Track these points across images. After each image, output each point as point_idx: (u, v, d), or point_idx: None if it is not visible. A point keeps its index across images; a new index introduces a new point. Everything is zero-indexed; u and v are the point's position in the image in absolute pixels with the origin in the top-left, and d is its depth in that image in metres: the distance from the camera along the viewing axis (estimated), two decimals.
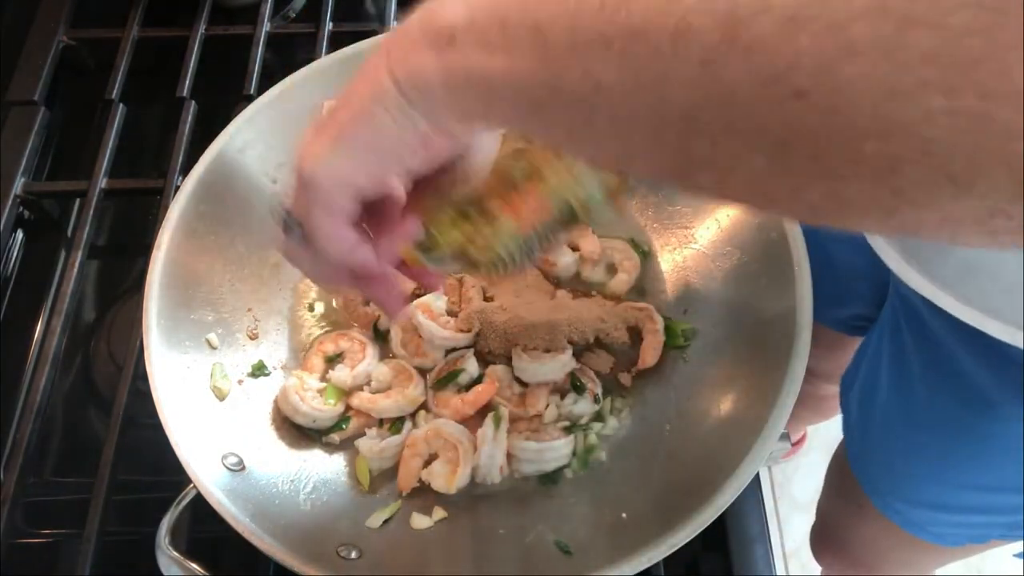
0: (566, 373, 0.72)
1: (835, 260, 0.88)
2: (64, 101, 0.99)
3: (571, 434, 0.70)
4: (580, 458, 0.70)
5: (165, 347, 0.66)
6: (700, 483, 0.60)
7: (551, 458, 0.69)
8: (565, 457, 0.70)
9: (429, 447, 0.69)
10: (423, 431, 0.70)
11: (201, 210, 0.73)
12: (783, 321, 0.65)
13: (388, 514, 0.67)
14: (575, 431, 0.71)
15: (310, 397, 0.71)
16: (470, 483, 0.69)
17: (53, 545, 0.74)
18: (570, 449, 0.70)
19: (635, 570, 0.56)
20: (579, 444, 0.71)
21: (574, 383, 0.73)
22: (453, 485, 0.67)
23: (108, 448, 0.72)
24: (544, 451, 0.68)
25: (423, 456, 0.69)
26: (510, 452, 0.69)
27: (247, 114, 0.76)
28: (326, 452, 0.71)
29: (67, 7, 1.00)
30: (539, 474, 0.70)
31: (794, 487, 1.86)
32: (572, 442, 0.70)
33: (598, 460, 0.71)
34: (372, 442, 0.70)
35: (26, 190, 0.87)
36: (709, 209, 0.77)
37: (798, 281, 0.66)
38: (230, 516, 0.58)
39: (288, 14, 1.04)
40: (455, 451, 0.68)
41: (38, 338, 0.81)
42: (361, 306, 0.78)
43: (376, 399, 0.72)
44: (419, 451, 0.69)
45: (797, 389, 0.62)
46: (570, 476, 0.70)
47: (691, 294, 0.77)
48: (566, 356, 0.72)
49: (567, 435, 0.70)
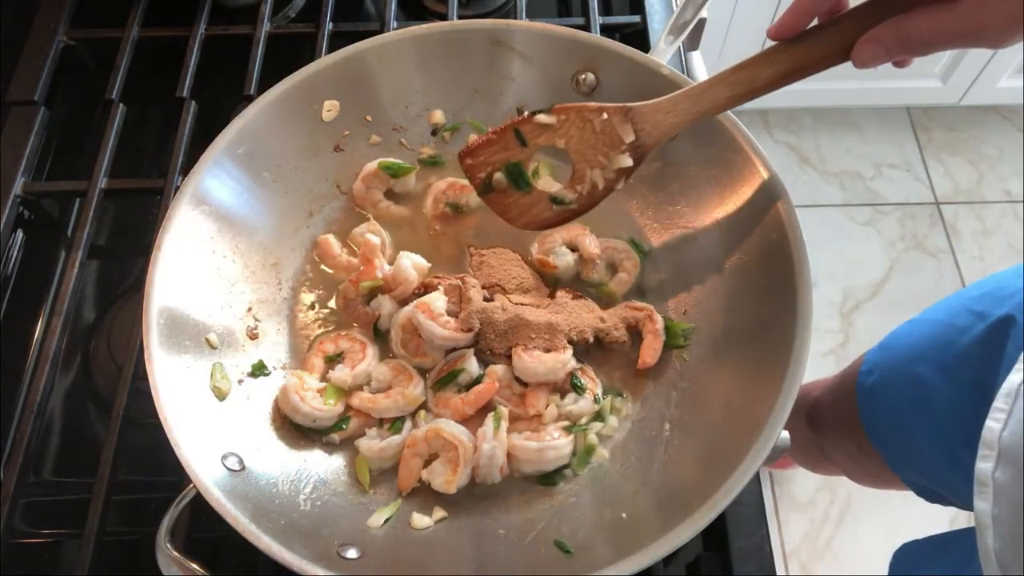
0: (566, 373, 0.72)
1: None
2: (64, 101, 0.99)
3: (571, 434, 0.70)
4: (580, 458, 0.70)
5: (165, 347, 0.66)
6: (700, 483, 0.60)
7: (552, 458, 0.69)
8: (565, 457, 0.70)
9: (429, 447, 0.69)
10: (423, 431, 0.70)
11: (201, 210, 0.73)
12: (783, 322, 0.65)
13: (388, 513, 0.67)
14: (575, 431, 0.71)
15: (310, 397, 0.71)
16: (470, 483, 0.69)
17: (53, 545, 0.74)
18: (570, 449, 0.70)
19: (635, 570, 0.56)
20: (579, 444, 0.71)
21: (574, 383, 0.73)
22: (453, 485, 0.67)
23: (108, 448, 0.72)
24: (545, 450, 0.68)
25: (423, 456, 0.69)
26: (510, 452, 0.69)
27: (247, 114, 0.76)
28: (326, 452, 0.71)
29: (67, 7, 1.00)
30: (539, 474, 0.70)
31: (794, 487, 1.86)
32: (572, 442, 0.70)
33: (599, 459, 0.71)
34: (372, 442, 0.70)
35: (26, 190, 0.87)
36: (709, 209, 0.78)
37: (798, 282, 0.66)
38: (230, 516, 0.58)
39: (288, 14, 1.04)
40: (455, 451, 0.68)
41: (38, 338, 0.81)
42: (361, 306, 0.78)
43: (376, 399, 0.72)
44: (419, 451, 0.69)
45: (797, 389, 0.62)
46: (570, 475, 0.70)
47: (691, 294, 0.77)
48: (566, 356, 0.72)
49: (568, 435, 0.70)
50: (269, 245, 0.79)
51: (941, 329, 0.89)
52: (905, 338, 0.97)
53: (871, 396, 0.98)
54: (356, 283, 0.77)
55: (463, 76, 0.84)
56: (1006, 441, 0.67)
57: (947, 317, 0.90)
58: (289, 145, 0.80)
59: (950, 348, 0.85)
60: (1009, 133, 2.38)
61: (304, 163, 0.81)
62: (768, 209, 0.71)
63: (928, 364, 0.87)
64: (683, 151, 0.78)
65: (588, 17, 0.97)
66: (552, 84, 0.83)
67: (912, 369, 0.89)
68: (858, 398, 1.00)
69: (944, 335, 0.88)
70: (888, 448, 0.97)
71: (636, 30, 0.99)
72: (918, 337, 0.93)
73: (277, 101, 0.78)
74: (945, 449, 0.84)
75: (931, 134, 2.38)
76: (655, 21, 0.99)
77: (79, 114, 0.98)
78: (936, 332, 0.90)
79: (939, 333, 0.89)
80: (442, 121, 0.86)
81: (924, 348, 0.90)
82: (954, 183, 2.31)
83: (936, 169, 2.33)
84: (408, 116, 0.85)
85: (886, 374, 0.96)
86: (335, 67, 0.80)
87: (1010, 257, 2.20)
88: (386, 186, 0.84)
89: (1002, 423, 0.68)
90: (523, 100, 0.85)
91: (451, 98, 0.85)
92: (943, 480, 0.88)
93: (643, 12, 1.00)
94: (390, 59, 0.81)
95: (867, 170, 2.32)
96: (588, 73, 0.82)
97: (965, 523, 0.84)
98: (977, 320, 0.83)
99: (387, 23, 0.97)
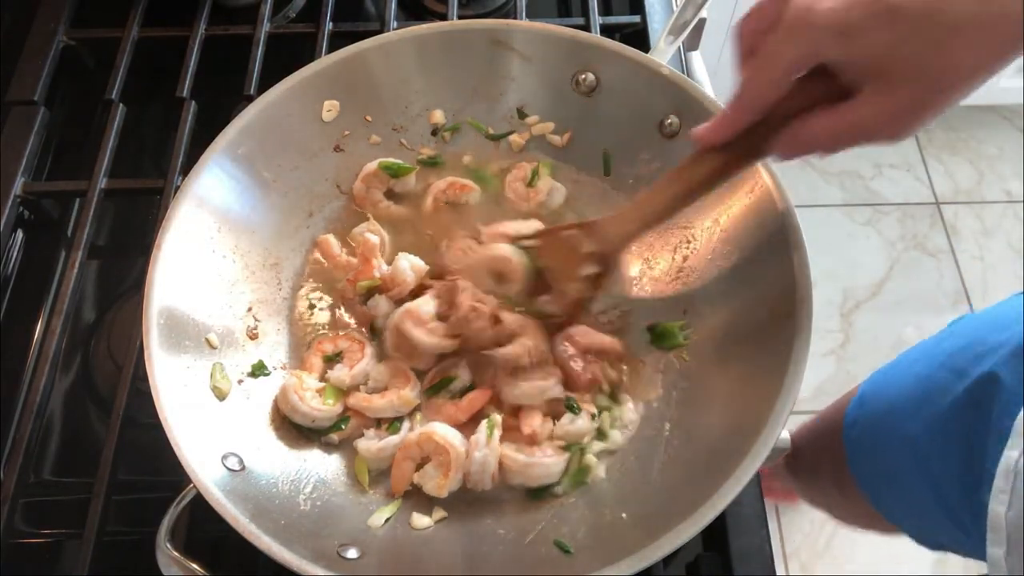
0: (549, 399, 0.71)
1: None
2: (64, 101, 0.99)
3: (567, 452, 0.69)
4: (572, 477, 0.69)
5: (165, 347, 0.66)
6: (700, 483, 0.60)
7: (537, 475, 0.68)
8: (554, 475, 0.68)
9: (421, 450, 0.69)
10: (416, 434, 0.69)
11: (201, 210, 0.73)
12: (783, 322, 0.65)
13: (389, 513, 0.67)
14: (572, 450, 0.70)
15: (309, 397, 0.71)
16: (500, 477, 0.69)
17: (53, 545, 0.74)
18: (560, 468, 0.69)
19: (635, 570, 0.56)
20: (574, 463, 0.70)
21: (568, 404, 0.71)
22: (444, 489, 0.67)
23: (108, 448, 0.72)
24: (532, 466, 0.67)
25: (415, 459, 0.69)
26: (501, 461, 0.68)
27: (247, 114, 0.76)
28: (326, 452, 0.71)
29: (67, 7, 1.00)
30: (524, 487, 0.69)
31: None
32: (566, 461, 0.69)
33: (595, 478, 0.69)
34: (370, 442, 0.70)
35: (26, 190, 0.87)
36: (709, 209, 0.77)
37: (798, 281, 0.66)
38: (230, 516, 0.58)
39: (288, 14, 1.04)
40: (447, 455, 0.68)
41: (38, 338, 0.81)
42: (359, 305, 0.78)
43: (372, 399, 0.72)
44: (411, 454, 0.69)
45: (797, 390, 0.62)
46: (560, 493, 0.69)
47: (691, 294, 0.77)
48: (545, 383, 0.71)
49: (562, 454, 0.69)
50: (269, 245, 0.79)
51: (921, 385, 0.87)
52: (884, 392, 0.95)
53: (861, 454, 0.97)
54: (354, 282, 0.77)
55: (463, 76, 0.84)
56: (1012, 523, 0.66)
57: (926, 371, 0.87)
58: (289, 145, 0.80)
59: (933, 407, 0.83)
60: (1009, 133, 2.38)
61: (304, 163, 0.81)
62: (768, 209, 0.71)
63: (916, 423, 0.85)
64: (683, 151, 0.78)
65: (588, 17, 0.97)
66: (552, 84, 0.83)
67: (901, 428, 0.87)
68: (848, 455, 0.98)
69: (925, 393, 0.86)
70: (888, 509, 0.96)
71: (636, 30, 0.99)
72: (899, 392, 0.91)
73: (277, 101, 0.78)
74: (945, 507, 0.82)
75: (931, 134, 2.38)
76: (655, 21, 0.99)
77: (79, 114, 0.98)
78: (916, 389, 0.87)
79: (920, 390, 0.87)
80: (442, 121, 0.86)
81: (908, 406, 0.88)
82: (954, 183, 2.31)
83: (936, 169, 2.33)
84: (408, 116, 0.85)
85: (873, 430, 0.95)
86: (335, 67, 0.80)
87: (1010, 257, 2.20)
88: (386, 186, 0.84)
89: (1006, 504, 0.67)
90: (523, 100, 0.85)
91: (451, 98, 0.85)
92: (945, 533, 0.87)
93: (643, 12, 1.00)
94: (390, 59, 0.81)
95: (867, 170, 2.32)
96: (588, 73, 0.82)
97: None
98: (956, 379, 0.81)
99: (387, 23, 0.97)
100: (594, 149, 0.84)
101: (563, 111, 0.84)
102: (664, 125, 0.79)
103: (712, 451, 0.65)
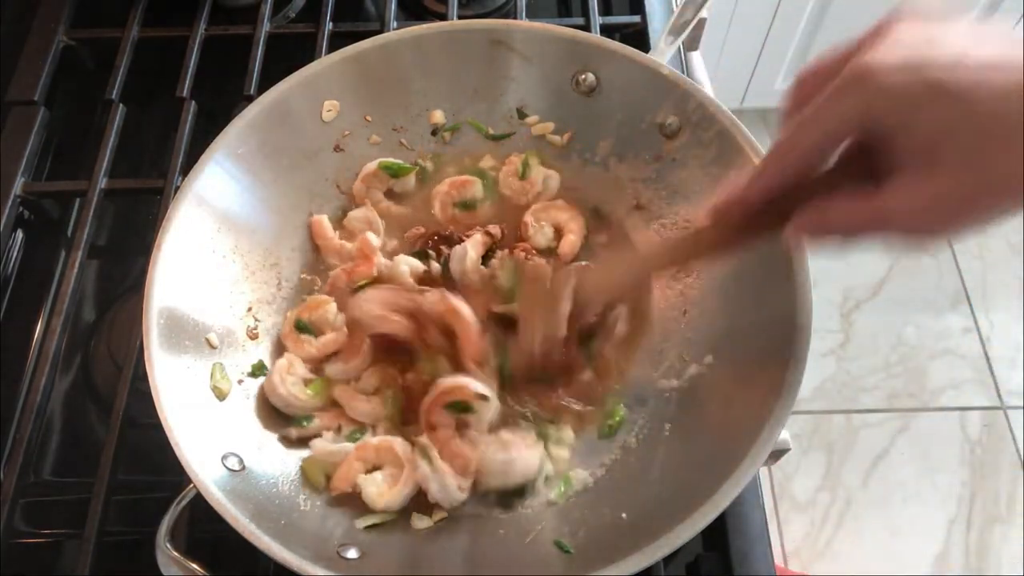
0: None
1: None
2: (64, 101, 0.99)
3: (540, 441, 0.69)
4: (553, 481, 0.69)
5: (165, 347, 0.66)
6: (700, 483, 0.60)
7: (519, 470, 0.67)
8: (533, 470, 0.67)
9: (377, 457, 0.68)
10: (376, 440, 0.69)
11: (201, 210, 0.73)
12: (783, 322, 0.65)
13: (375, 520, 0.66)
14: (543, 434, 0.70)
15: (291, 382, 0.71)
16: (471, 483, 0.69)
17: (53, 545, 0.74)
18: (537, 460, 0.68)
19: (635, 570, 0.56)
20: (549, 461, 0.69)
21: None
22: (383, 502, 0.66)
23: (108, 448, 0.72)
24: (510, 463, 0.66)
25: (367, 464, 0.68)
26: (479, 465, 0.67)
27: (247, 114, 0.76)
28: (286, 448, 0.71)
29: (67, 7, 1.00)
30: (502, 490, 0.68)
31: (794, 487, 1.86)
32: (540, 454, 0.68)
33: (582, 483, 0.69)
34: (325, 444, 0.69)
35: (26, 190, 0.87)
36: None
37: (798, 283, 0.66)
38: (230, 516, 0.58)
39: (288, 14, 1.04)
40: (399, 470, 0.67)
41: (38, 338, 0.81)
42: (349, 296, 0.77)
43: (355, 396, 0.72)
44: (365, 457, 0.68)
45: (797, 390, 0.62)
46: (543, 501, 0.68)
47: (690, 294, 0.77)
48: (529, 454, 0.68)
49: (537, 444, 0.68)
50: (269, 245, 0.79)
51: None
52: None
53: None
54: (350, 275, 0.77)
55: (463, 76, 0.84)
56: None
57: None
58: (289, 145, 0.80)
59: None
60: None
61: (304, 163, 0.81)
62: None
63: None
64: (682, 151, 0.79)
65: (588, 17, 0.97)
66: (552, 84, 0.83)
67: None
68: None
69: None
70: None
71: (636, 30, 0.99)
72: None
73: (277, 101, 0.78)
74: None
75: None
76: (655, 21, 0.99)
77: (79, 114, 0.98)
78: None
79: None
80: (442, 121, 0.86)
81: None
82: None
83: None
84: (408, 116, 0.85)
85: None
86: (335, 67, 0.80)
87: (1010, 257, 2.20)
88: (386, 186, 0.84)
89: None
90: (523, 100, 0.85)
91: (451, 98, 0.85)
92: None
93: (643, 12, 0.99)
94: (390, 59, 0.81)
95: None
96: (588, 73, 0.82)
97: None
98: None
99: (387, 23, 0.97)
100: (594, 149, 0.84)
101: (563, 111, 0.84)
102: (664, 125, 0.79)
103: (712, 451, 0.65)
